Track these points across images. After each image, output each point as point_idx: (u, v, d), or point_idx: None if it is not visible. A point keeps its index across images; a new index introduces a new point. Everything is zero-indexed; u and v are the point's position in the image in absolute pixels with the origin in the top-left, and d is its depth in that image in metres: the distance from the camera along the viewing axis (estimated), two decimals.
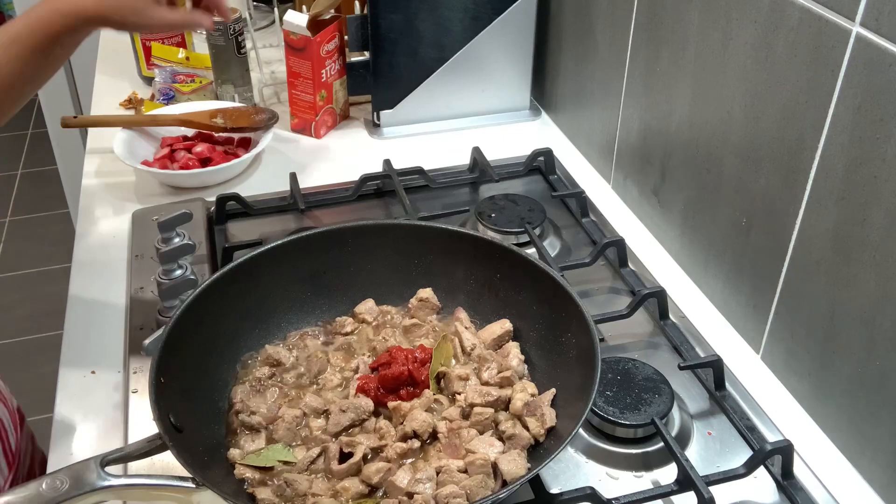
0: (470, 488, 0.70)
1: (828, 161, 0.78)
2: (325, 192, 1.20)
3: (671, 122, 1.04)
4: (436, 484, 0.71)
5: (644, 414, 0.81)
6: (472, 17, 1.30)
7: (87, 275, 1.06)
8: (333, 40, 1.30)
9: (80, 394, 0.89)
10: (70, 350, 0.94)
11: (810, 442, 0.84)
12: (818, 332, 0.83)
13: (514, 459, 0.72)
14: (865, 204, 0.74)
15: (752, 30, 0.86)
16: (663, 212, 1.10)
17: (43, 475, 0.64)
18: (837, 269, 0.79)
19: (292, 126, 1.37)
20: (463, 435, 0.75)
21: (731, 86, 0.91)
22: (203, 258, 1.04)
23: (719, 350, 0.90)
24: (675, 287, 1.03)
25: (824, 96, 0.77)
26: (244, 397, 0.80)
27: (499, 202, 1.14)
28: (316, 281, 0.90)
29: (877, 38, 0.70)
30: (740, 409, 0.86)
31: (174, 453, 0.66)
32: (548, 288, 0.82)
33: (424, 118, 1.37)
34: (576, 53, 1.29)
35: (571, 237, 1.12)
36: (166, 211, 1.04)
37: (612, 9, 1.15)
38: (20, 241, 2.98)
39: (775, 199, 0.87)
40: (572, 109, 1.34)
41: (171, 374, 0.73)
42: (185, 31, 0.98)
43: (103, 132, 1.32)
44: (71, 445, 0.83)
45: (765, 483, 0.79)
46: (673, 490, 0.76)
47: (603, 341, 0.93)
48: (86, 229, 1.15)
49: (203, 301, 0.80)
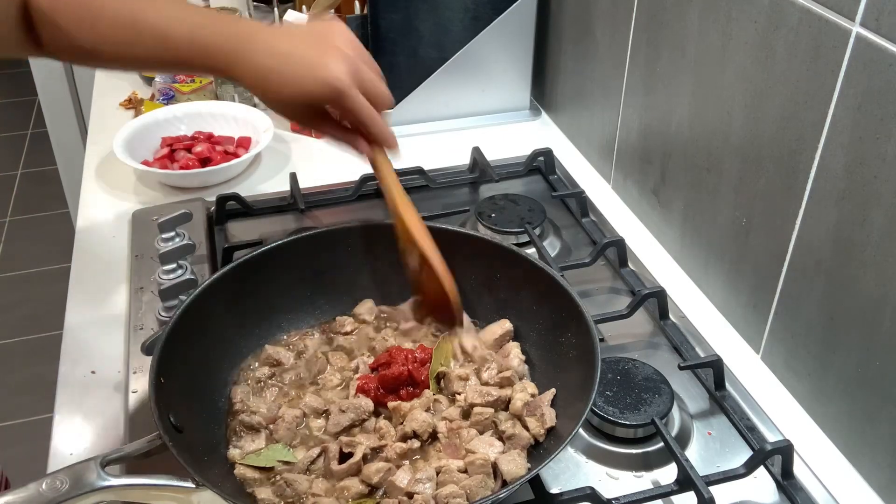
0: (470, 488, 0.70)
1: (828, 161, 0.78)
2: (325, 192, 1.20)
3: (671, 122, 1.04)
4: (436, 484, 0.71)
5: (644, 414, 0.81)
6: (472, 17, 1.30)
7: (87, 275, 1.06)
8: None
9: (80, 394, 0.89)
10: (70, 350, 0.94)
11: (810, 442, 0.84)
12: (818, 332, 0.83)
13: (513, 459, 0.72)
14: (865, 204, 0.74)
15: (752, 30, 0.86)
16: (663, 212, 1.10)
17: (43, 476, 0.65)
18: (837, 269, 0.79)
19: (292, 126, 1.37)
20: (463, 435, 0.75)
21: (731, 86, 0.91)
22: (203, 258, 1.04)
23: (719, 350, 0.90)
24: (675, 287, 1.03)
25: (824, 96, 0.77)
26: (244, 397, 0.80)
27: (499, 202, 1.14)
28: (316, 281, 0.90)
29: (877, 38, 0.70)
30: (740, 409, 0.86)
31: (174, 453, 0.66)
32: (548, 288, 0.82)
33: (424, 118, 1.37)
34: (576, 53, 1.29)
35: (571, 237, 1.12)
36: (166, 211, 1.04)
37: (612, 9, 1.15)
38: (20, 241, 2.98)
39: (775, 200, 0.87)
40: (572, 109, 1.34)
41: (171, 374, 0.73)
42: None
43: (103, 132, 1.32)
44: (71, 445, 0.83)
45: (765, 483, 0.79)
46: (673, 490, 0.76)
47: (603, 341, 0.93)
48: (86, 229, 1.15)
49: (203, 301, 0.80)
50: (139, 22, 0.78)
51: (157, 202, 1.17)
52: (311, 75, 0.75)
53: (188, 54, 0.78)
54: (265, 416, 0.78)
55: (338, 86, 0.75)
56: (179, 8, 0.80)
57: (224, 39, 0.77)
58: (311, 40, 0.77)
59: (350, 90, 0.75)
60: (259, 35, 0.78)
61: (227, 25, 0.79)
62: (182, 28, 0.78)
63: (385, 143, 0.83)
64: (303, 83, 0.76)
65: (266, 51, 0.77)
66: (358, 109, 0.77)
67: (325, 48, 0.76)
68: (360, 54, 0.78)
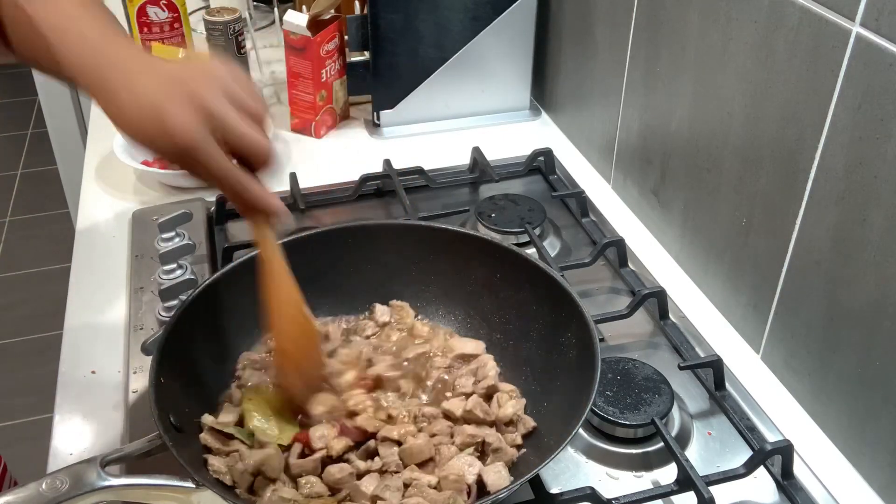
0: (436, 502, 0.68)
1: (828, 161, 0.78)
2: (325, 192, 1.20)
3: (671, 122, 1.04)
4: (402, 495, 0.69)
5: (644, 414, 0.81)
6: (472, 17, 1.30)
7: (87, 275, 1.06)
8: (333, 40, 1.30)
9: (80, 394, 0.89)
10: (70, 350, 0.94)
11: (810, 442, 0.84)
12: (818, 332, 0.83)
13: (498, 472, 0.71)
14: (865, 204, 0.74)
15: (752, 30, 0.86)
16: (663, 212, 1.10)
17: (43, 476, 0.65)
18: (837, 269, 0.79)
19: (292, 126, 1.37)
20: (443, 452, 0.74)
21: (731, 86, 0.91)
22: (203, 258, 1.04)
23: (719, 350, 0.90)
24: (675, 287, 1.03)
25: (824, 96, 0.77)
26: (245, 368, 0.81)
27: (499, 202, 1.14)
28: (316, 281, 0.89)
29: (877, 38, 0.70)
30: (740, 409, 0.86)
31: (174, 453, 0.65)
32: (548, 288, 0.82)
33: (424, 118, 1.37)
34: (576, 53, 1.29)
35: (571, 237, 1.12)
36: (166, 211, 1.05)
37: (612, 9, 1.15)
38: (20, 241, 2.97)
39: (775, 199, 0.87)
40: (572, 109, 1.34)
41: (171, 374, 0.73)
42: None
43: (103, 132, 1.32)
44: (71, 445, 0.83)
45: (765, 483, 0.79)
46: (673, 490, 0.76)
47: (603, 341, 0.93)
48: (86, 229, 1.15)
49: (203, 301, 0.80)
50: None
51: (157, 202, 1.17)
52: (154, 123, 0.62)
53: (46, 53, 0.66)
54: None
55: (182, 139, 0.61)
56: (79, 7, 0.68)
57: (89, 52, 0.65)
58: (168, 80, 0.63)
59: (200, 146, 0.62)
60: (124, 61, 0.65)
61: (102, 39, 0.66)
62: (57, 22, 0.66)
63: (262, 209, 0.69)
64: (146, 130, 0.63)
65: (123, 82, 0.64)
66: (215, 170, 0.63)
67: (178, 91, 0.62)
68: (236, 98, 0.65)
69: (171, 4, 1.41)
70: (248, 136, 0.65)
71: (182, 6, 1.43)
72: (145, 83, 0.63)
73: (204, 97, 0.63)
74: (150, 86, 0.63)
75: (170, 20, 1.42)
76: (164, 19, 1.41)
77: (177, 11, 1.42)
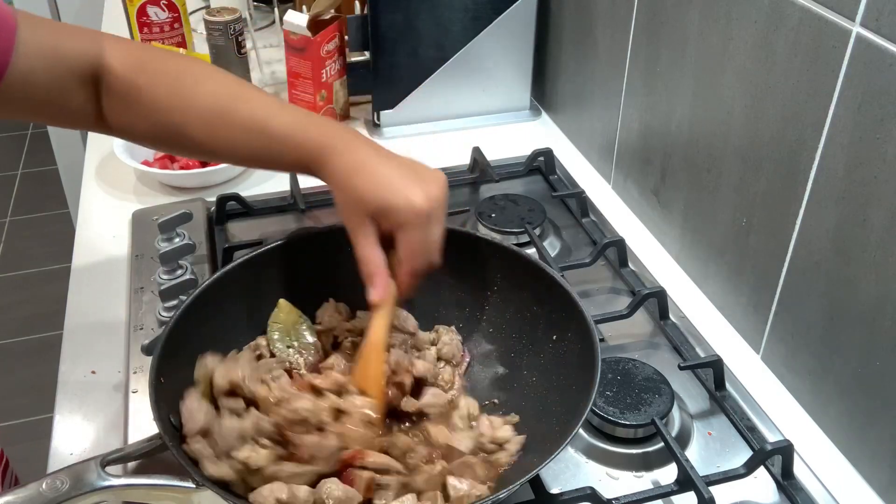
0: None
1: (828, 161, 0.78)
2: (326, 191, 1.17)
3: (671, 122, 1.04)
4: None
5: (644, 414, 0.81)
6: (472, 17, 1.30)
7: (87, 275, 1.06)
8: (333, 40, 1.30)
9: (80, 394, 0.89)
10: (70, 350, 0.94)
11: (810, 442, 0.84)
12: (818, 332, 0.83)
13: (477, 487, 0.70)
14: (865, 204, 0.74)
15: (752, 30, 0.86)
16: (663, 212, 1.10)
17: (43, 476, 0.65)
18: (837, 269, 0.79)
19: None
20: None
21: (731, 86, 0.91)
22: (203, 258, 1.04)
23: (719, 350, 0.90)
24: (675, 287, 1.03)
25: (824, 96, 0.77)
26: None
27: (499, 202, 1.14)
28: (316, 281, 0.89)
29: (877, 38, 0.70)
30: (740, 409, 0.86)
31: (174, 453, 0.65)
32: (548, 288, 0.82)
33: (424, 118, 1.37)
34: (576, 53, 1.29)
35: (571, 237, 1.12)
36: (166, 211, 1.04)
37: (612, 9, 1.15)
38: (20, 241, 2.98)
39: (775, 200, 0.87)
40: (572, 109, 1.34)
41: (171, 374, 0.73)
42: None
43: None
44: (71, 445, 0.83)
45: (765, 483, 0.79)
46: (673, 490, 0.76)
47: (603, 341, 0.93)
48: (86, 229, 1.15)
49: (203, 301, 0.80)
50: (240, 110, 0.77)
51: (157, 202, 1.17)
52: (393, 190, 0.74)
53: (281, 146, 0.77)
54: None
55: (418, 206, 0.73)
56: (278, 103, 0.81)
57: (323, 137, 0.77)
58: (405, 169, 0.76)
59: (429, 216, 0.74)
60: (356, 143, 0.77)
61: (326, 126, 0.79)
62: (281, 120, 0.77)
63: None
64: (384, 192, 0.74)
65: (358, 158, 0.76)
66: (419, 241, 0.75)
67: (416, 180, 0.75)
68: (442, 207, 0.78)
69: (171, 4, 1.41)
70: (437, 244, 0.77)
71: (182, 6, 1.43)
72: (380, 162, 0.76)
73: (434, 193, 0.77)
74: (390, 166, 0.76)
75: (170, 20, 1.42)
76: (164, 19, 1.42)
77: (177, 11, 1.43)
